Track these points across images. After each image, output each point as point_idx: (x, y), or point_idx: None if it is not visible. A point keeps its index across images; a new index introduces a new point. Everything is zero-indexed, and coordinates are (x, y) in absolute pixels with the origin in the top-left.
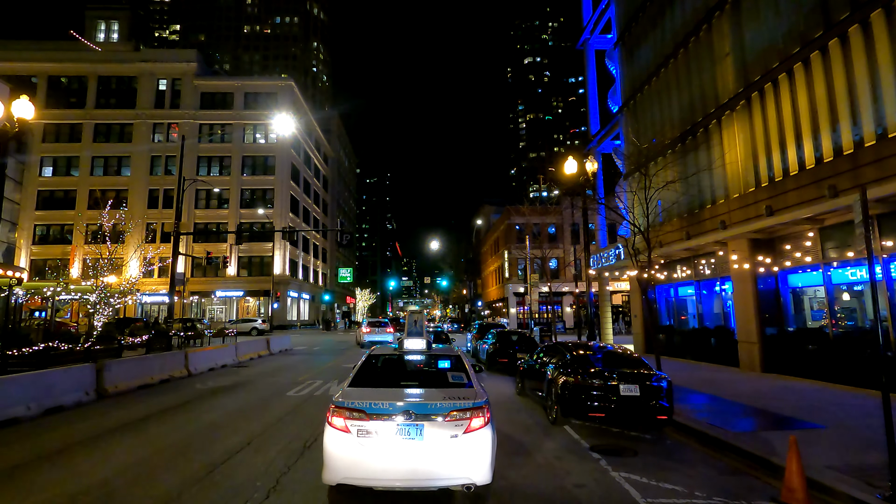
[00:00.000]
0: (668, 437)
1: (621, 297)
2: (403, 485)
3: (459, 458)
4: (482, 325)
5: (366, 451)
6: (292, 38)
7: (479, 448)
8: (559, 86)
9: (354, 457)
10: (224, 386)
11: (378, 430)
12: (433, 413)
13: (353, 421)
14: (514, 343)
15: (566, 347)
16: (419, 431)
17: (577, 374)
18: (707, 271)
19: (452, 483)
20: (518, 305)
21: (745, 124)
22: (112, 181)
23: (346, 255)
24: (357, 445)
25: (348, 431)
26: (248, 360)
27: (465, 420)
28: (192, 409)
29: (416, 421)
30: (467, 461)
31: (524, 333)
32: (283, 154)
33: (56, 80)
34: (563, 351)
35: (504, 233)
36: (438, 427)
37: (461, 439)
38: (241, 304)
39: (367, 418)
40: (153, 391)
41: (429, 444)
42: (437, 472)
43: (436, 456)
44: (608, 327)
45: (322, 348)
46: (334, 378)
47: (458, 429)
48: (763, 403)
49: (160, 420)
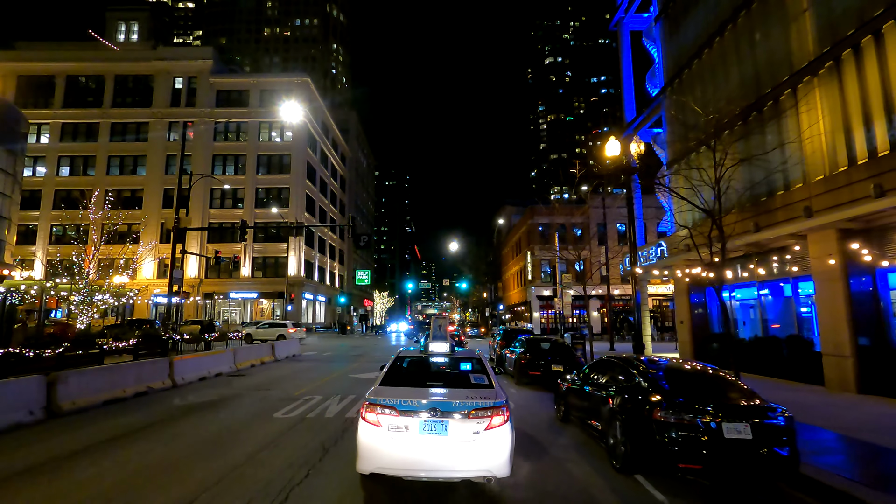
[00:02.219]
0: (790, 500)
1: (651, 302)
2: (429, 475)
3: (481, 453)
4: (507, 331)
5: (396, 444)
6: (311, 40)
7: (499, 444)
8: (581, 86)
9: (386, 448)
10: (205, 402)
11: (407, 425)
12: (457, 410)
13: (385, 416)
14: (547, 352)
15: (631, 364)
16: (444, 427)
17: (656, 407)
18: (775, 270)
19: (474, 475)
20: (542, 309)
21: (831, 90)
22: (128, 181)
23: (364, 257)
24: (388, 438)
25: (380, 426)
26: (248, 367)
27: (486, 418)
28: (148, 437)
29: (442, 417)
30: (488, 455)
31: (559, 341)
32: (299, 152)
33: (74, 80)
34: (628, 369)
35: (527, 233)
36: (462, 423)
37: (482, 435)
38: (255, 305)
39: (397, 414)
40: (120, 408)
41: (453, 439)
42: (460, 464)
43: (459, 450)
44: (647, 334)
45: (334, 353)
46: (336, 393)
47: (479, 425)
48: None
49: (95, 457)
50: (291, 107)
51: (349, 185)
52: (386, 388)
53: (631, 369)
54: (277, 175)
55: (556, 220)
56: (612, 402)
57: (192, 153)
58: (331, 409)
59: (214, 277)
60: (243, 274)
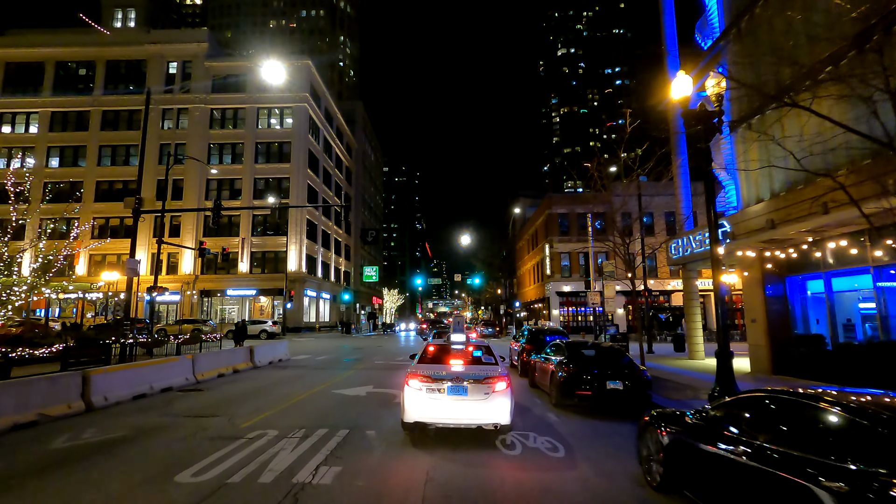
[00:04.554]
0: None
1: (680, 298)
2: (454, 423)
3: (490, 408)
4: (534, 332)
5: (431, 402)
6: (318, 31)
7: (503, 402)
8: (595, 77)
9: (424, 405)
10: (100, 443)
11: (439, 388)
12: (473, 379)
13: (423, 382)
14: (595, 362)
15: (846, 405)
16: (465, 391)
17: None
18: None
19: (485, 423)
20: (562, 306)
21: None
22: (120, 171)
23: (373, 254)
24: (426, 398)
25: (420, 389)
26: (213, 377)
27: (493, 384)
28: None
29: (463, 384)
30: (495, 410)
31: (611, 347)
32: (300, 140)
33: (64, 66)
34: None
35: (544, 224)
36: (477, 388)
37: (491, 396)
38: (254, 303)
39: (432, 381)
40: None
41: (470, 399)
42: (475, 416)
43: (474, 406)
44: (698, 337)
45: (329, 357)
46: (301, 426)
47: (489, 389)
48: None
49: None
50: (273, 66)
51: (356, 177)
52: (421, 364)
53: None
54: (277, 164)
55: (576, 210)
56: None
57: (186, 141)
58: (276, 465)
59: (211, 273)
60: (241, 269)
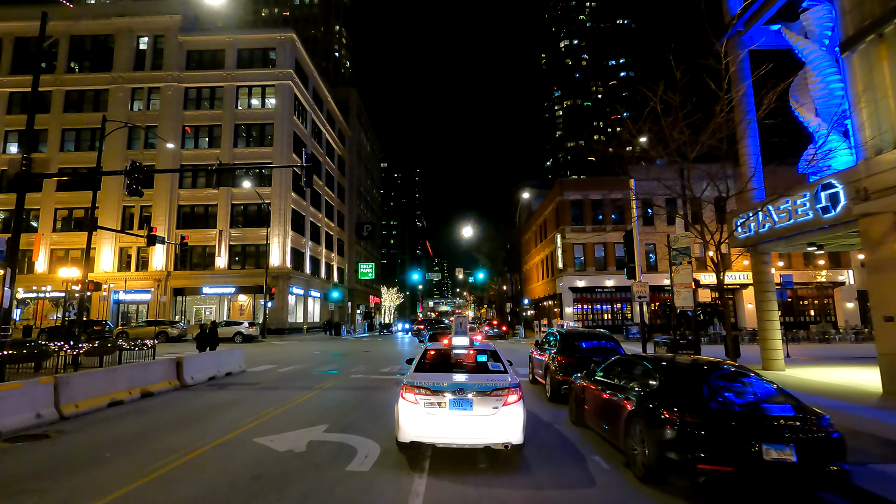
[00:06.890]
0: None
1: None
2: (458, 443)
3: (500, 425)
4: (566, 335)
5: (430, 418)
6: (312, 20)
7: (514, 417)
8: (599, 69)
9: (422, 422)
10: None
11: (439, 402)
12: (479, 391)
13: (421, 395)
14: (723, 397)
15: None
16: (470, 404)
17: None
18: None
19: (494, 443)
20: (576, 303)
21: None
22: (84, 157)
23: (369, 249)
24: (424, 413)
25: (417, 403)
26: (100, 406)
27: (503, 396)
28: None
29: (468, 396)
30: (506, 427)
31: (731, 367)
32: (284, 121)
33: (24, 43)
34: None
35: (555, 212)
36: (483, 401)
37: (500, 410)
38: (232, 302)
39: (430, 394)
40: None
41: (476, 414)
42: (482, 434)
43: (481, 423)
44: (775, 340)
45: (293, 370)
46: None
47: (498, 402)
48: None
49: None
50: None
51: (349, 166)
52: (419, 373)
53: None
54: (258, 148)
55: (590, 196)
56: None
57: (157, 123)
58: None
59: (185, 270)
60: (218, 265)
